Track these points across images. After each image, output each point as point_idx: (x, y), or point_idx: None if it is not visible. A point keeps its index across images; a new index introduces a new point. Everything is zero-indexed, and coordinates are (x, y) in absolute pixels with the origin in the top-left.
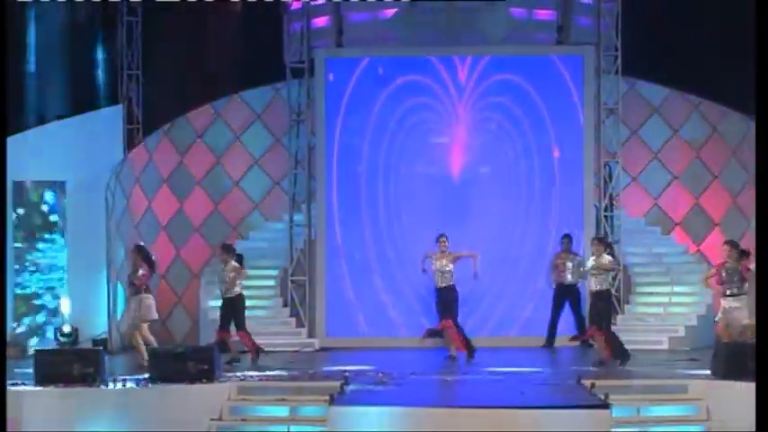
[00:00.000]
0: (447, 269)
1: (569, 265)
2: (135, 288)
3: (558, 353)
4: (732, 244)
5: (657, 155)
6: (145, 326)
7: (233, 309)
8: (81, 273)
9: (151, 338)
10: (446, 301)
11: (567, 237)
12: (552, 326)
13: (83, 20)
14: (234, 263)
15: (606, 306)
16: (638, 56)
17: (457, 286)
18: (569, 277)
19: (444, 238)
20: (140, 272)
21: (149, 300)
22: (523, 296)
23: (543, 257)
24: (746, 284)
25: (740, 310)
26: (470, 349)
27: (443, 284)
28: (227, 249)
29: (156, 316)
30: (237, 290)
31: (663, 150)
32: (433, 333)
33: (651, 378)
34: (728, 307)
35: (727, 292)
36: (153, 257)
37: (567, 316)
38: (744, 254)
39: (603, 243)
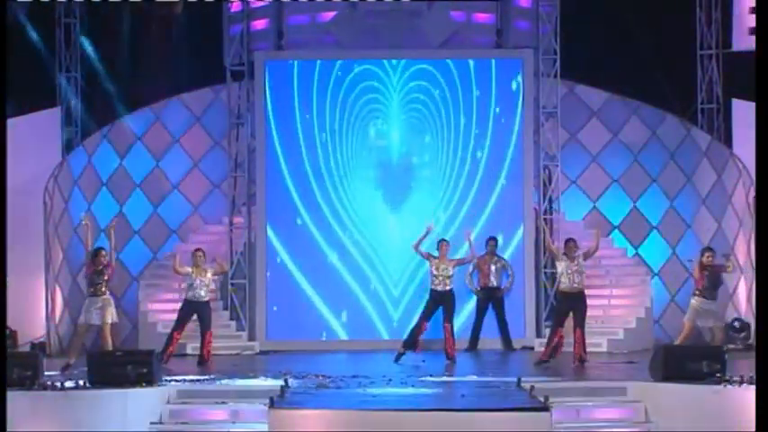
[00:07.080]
0: None
1: (493, 268)
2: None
3: (484, 356)
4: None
5: (596, 158)
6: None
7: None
8: (18, 276)
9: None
10: None
11: (493, 239)
12: (476, 329)
13: (19, 21)
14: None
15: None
16: (577, 59)
17: None
18: (493, 280)
19: None
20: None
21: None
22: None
23: None
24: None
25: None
26: None
27: None
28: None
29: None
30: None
31: (602, 154)
32: None
33: (590, 380)
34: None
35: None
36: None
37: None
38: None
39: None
